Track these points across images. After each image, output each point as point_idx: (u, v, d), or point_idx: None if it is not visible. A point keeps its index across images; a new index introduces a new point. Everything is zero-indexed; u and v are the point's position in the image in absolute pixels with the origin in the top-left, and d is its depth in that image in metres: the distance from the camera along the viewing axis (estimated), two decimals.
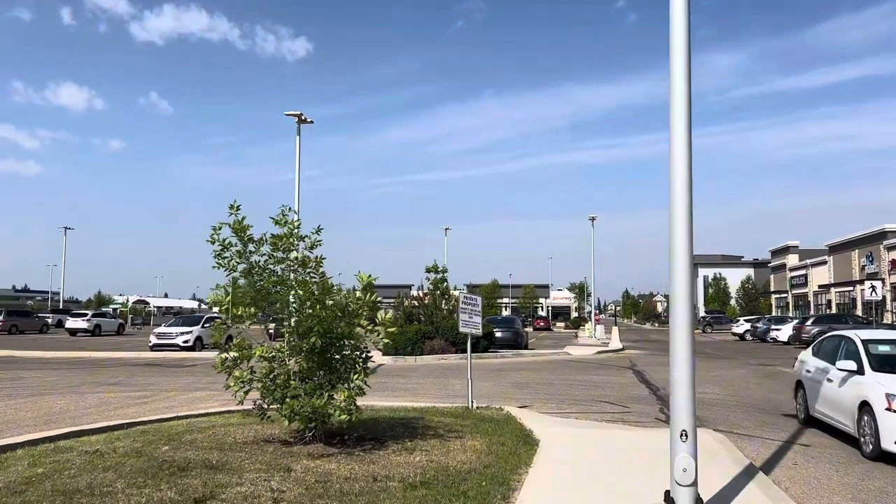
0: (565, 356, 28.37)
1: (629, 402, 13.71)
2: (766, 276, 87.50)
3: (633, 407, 13.11)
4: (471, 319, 11.68)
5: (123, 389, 15.11)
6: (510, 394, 14.90)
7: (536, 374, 20.02)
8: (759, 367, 23.06)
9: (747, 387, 17.25)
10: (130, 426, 8.48)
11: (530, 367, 22.25)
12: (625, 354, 30.64)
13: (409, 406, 11.56)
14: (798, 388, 11.81)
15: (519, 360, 25.62)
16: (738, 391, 16.15)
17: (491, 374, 19.80)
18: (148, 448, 7.00)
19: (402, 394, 14.78)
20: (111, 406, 11.97)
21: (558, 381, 17.84)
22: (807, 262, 65.04)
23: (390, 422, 9.44)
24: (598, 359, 27.17)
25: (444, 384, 16.94)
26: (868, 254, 50.89)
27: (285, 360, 7.51)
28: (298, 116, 29.12)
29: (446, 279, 27.92)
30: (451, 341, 25.61)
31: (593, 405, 13.23)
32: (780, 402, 13.98)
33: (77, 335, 47.32)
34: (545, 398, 14.19)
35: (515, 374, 19.72)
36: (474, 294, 12.48)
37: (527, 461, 7.35)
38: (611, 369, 21.99)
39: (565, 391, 15.60)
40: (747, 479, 7.00)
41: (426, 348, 24.80)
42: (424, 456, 7.19)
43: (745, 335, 52.38)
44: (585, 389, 16.02)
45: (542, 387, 16.50)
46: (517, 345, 31.11)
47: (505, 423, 9.64)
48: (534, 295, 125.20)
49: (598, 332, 51.40)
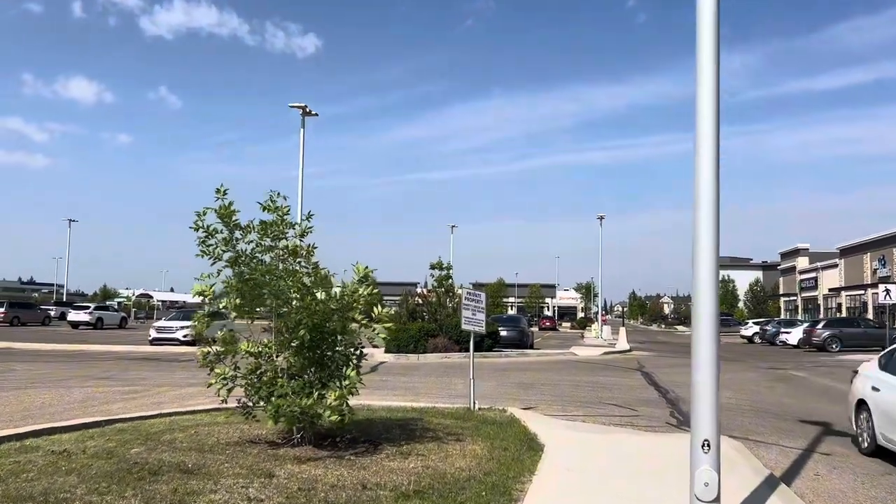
0: (571, 356, 27.82)
1: (637, 405, 13.16)
2: (775, 278, 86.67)
3: (642, 410, 12.56)
4: (474, 317, 11.15)
5: (113, 384, 14.65)
6: (514, 394, 14.37)
7: (541, 374, 19.49)
8: (770, 371, 22.47)
9: (759, 391, 16.68)
10: (109, 423, 7.97)
11: (535, 367, 21.71)
12: (632, 356, 30.06)
13: (408, 406, 11.04)
14: (860, 408, 9.28)
15: (524, 360, 25.08)
16: (750, 395, 15.58)
17: (495, 373, 19.28)
18: (121, 448, 6.49)
19: (403, 393, 14.27)
20: (96, 401, 11.49)
21: (564, 382, 17.30)
22: (817, 265, 64.22)
23: (387, 423, 8.93)
24: (604, 360, 26.61)
25: (447, 383, 16.42)
26: (881, 257, 50.10)
27: (273, 355, 6.99)
28: (303, 108, 28.74)
29: (451, 276, 27.37)
30: (455, 339, 25.09)
31: (600, 407, 12.69)
32: (795, 408, 13.40)
33: (79, 328, 47.07)
34: (550, 400, 13.66)
35: (520, 374, 19.19)
36: (478, 292, 11.90)
37: (531, 468, 6.83)
38: (618, 371, 21.43)
39: (571, 392, 15.06)
40: (769, 490, 6.46)
41: (429, 346, 24.28)
42: (420, 461, 6.67)
43: (753, 338, 51.75)
44: (592, 391, 15.48)
45: (547, 388, 15.97)
46: (522, 344, 30.57)
47: (508, 426, 9.12)
48: (540, 294, 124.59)
49: (605, 332, 50.83)
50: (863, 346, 36.76)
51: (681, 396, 14.80)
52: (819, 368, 23.73)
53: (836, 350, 36.15)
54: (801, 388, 17.67)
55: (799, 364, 25.80)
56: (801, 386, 18.13)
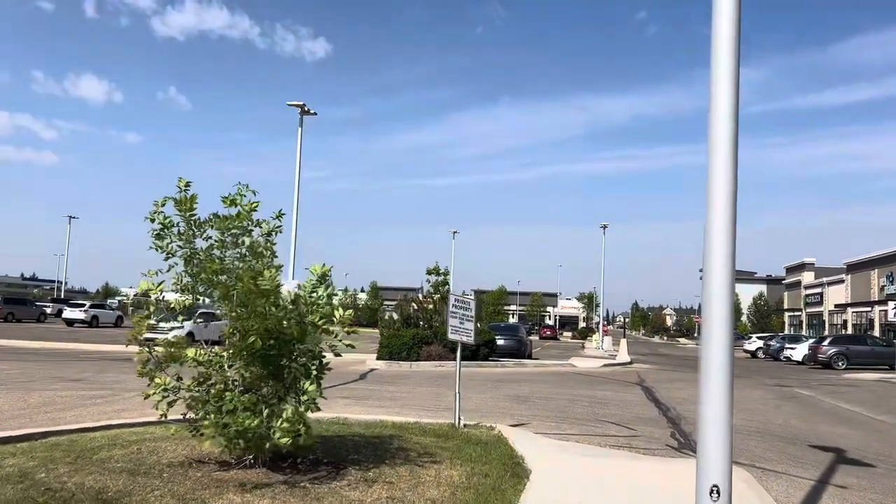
0: (570, 368, 26.98)
1: (636, 424, 12.35)
2: (779, 293, 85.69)
3: (641, 429, 11.76)
4: (462, 325, 10.35)
5: (82, 387, 13.86)
6: (507, 408, 13.57)
7: (538, 386, 18.66)
8: (776, 388, 21.60)
9: (766, 410, 15.83)
10: (45, 436, 7.16)
11: (532, 379, 20.89)
12: (633, 368, 29.20)
13: (388, 421, 10.23)
14: None
15: (520, 371, 24.24)
16: (755, 415, 14.74)
17: (489, 384, 18.47)
18: (41, 469, 5.68)
19: (388, 404, 13.47)
20: (54, 407, 10.70)
21: (560, 396, 16.48)
22: (823, 281, 63.25)
23: (359, 441, 8.12)
24: (604, 372, 25.76)
25: (437, 395, 15.61)
26: (889, 273, 49.15)
27: (224, 365, 6.20)
28: (301, 107, 28.19)
29: (448, 282, 26.56)
30: (451, 348, 24.24)
31: (597, 426, 11.87)
32: (804, 432, 12.56)
33: (74, 325, 46.40)
34: (544, 415, 12.86)
35: (515, 386, 18.38)
36: (468, 298, 11.09)
37: (512, 499, 6.02)
38: (617, 385, 20.60)
39: (567, 408, 14.25)
40: None
41: (423, 354, 23.45)
42: (386, 490, 5.86)
43: (756, 353, 50.85)
44: (589, 407, 14.66)
45: (542, 401, 15.16)
46: (520, 354, 29.71)
47: (493, 447, 8.30)
48: (542, 303, 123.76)
49: (606, 343, 49.98)
50: (870, 364, 35.86)
51: (682, 415, 13.97)
52: (825, 387, 22.86)
53: (842, 367, 35.24)
54: (809, 408, 16.83)
55: (804, 382, 24.92)
56: (808, 406, 17.28)
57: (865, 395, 20.85)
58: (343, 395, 14.33)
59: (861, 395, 20.48)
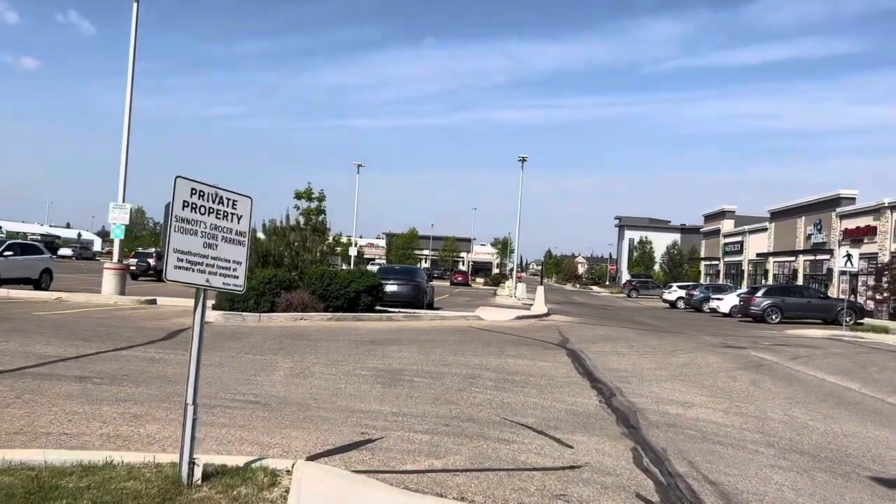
0: (476, 322, 21.78)
1: (571, 429, 7.19)
2: (693, 242, 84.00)
3: (578, 441, 6.62)
4: (210, 254, 4.69)
5: None
6: (358, 398, 8.14)
7: (425, 352, 13.29)
8: (729, 351, 17.06)
9: (741, 390, 11.03)
10: None
11: (421, 339, 15.48)
12: (551, 321, 24.39)
13: (36, 462, 4.55)
14: None
15: (411, 326, 18.76)
16: (734, 401, 9.87)
17: (356, 349, 12.99)
18: None
19: (142, 394, 7.75)
20: None
21: (453, 370, 11.16)
22: (744, 229, 60.72)
23: None
24: (518, 328, 20.69)
25: (263, 369, 10.05)
26: (816, 221, 46.39)
27: None
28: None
29: (324, 210, 20.62)
30: (321, 294, 18.57)
31: (503, 438, 6.60)
32: (829, 439, 7.61)
33: None
34: (417, 413, 7.51)
35: (394, 351, 12.97)
36: (230, 195, 5.39)
37: None
38: (535, 347, 15.49)
39: (459, 395, 8.94)
40: None
41: (281, 302, 17.58)
42: None
43: (677, 303, 47.73)
44: (494, 391, 9.41)
45: (422, 381, 9.81)
46: (416, 303, 24.21)
47: None
48: (455, 248, 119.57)
49: (520, 291, 45.63)
50: (805, 318, 32.59)
51: (637, 405, 8.95)
52: (782, 349, 18.56)
53: (775, 321, 31.79)
54: (794, 385, 12.18)
55: (754, 341, 20.65)
56: (788, 380, 12.65)
57: (838, 360, 16.57)
58: (82, 375, 8.53)
59: (834, 362, 16.17)
